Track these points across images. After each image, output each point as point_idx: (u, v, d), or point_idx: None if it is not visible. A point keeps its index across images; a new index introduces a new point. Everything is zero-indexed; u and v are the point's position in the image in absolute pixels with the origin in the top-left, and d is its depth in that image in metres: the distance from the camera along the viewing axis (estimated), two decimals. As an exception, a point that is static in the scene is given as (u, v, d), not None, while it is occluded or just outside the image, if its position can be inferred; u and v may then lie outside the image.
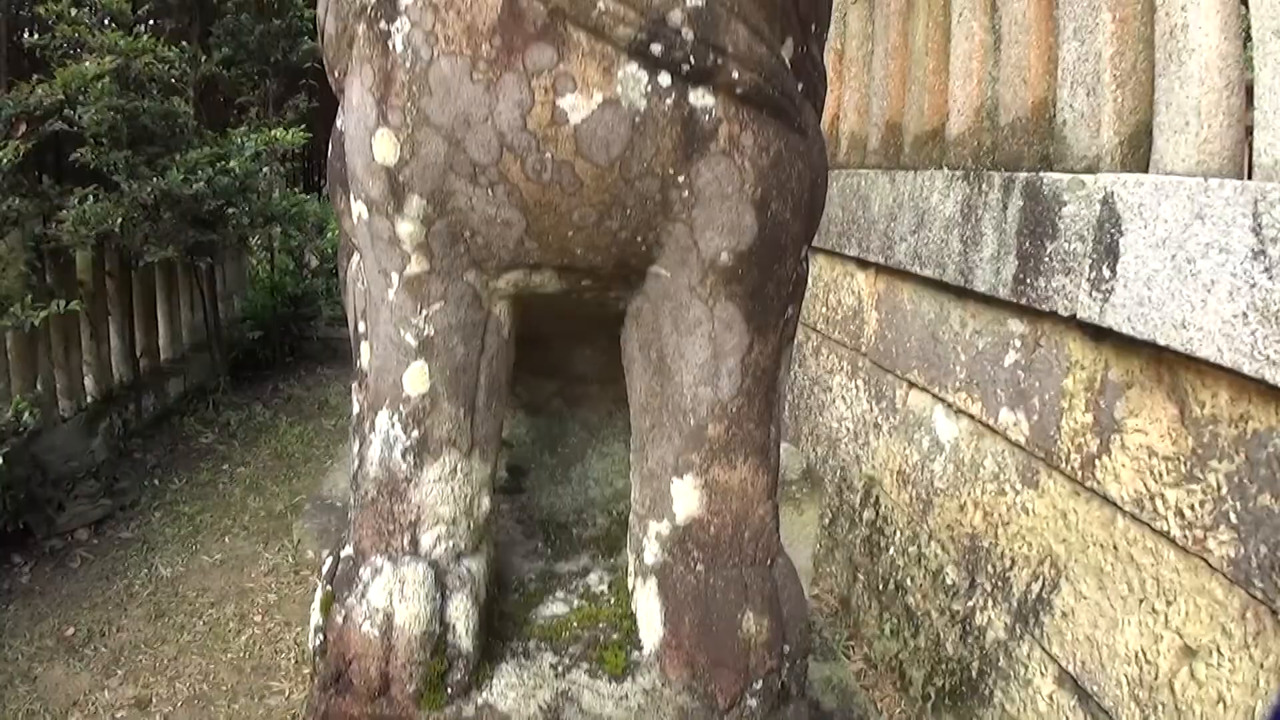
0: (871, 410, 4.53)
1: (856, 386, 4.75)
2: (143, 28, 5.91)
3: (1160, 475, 2.58)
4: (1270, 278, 2.12)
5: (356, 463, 1.76)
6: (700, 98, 1.42)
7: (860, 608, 4.30)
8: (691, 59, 1.37)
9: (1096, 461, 2.83)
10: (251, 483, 5.56)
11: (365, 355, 1.83)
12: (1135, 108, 2.87)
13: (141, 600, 4.17)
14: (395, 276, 1.59)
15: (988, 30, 3.69)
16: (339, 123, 1.75)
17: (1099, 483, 2.82)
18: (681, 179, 1.46)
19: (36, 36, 5.24)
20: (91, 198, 5.00)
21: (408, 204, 1.49)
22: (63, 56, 5.17)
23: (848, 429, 4.80)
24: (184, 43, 6.50)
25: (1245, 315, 2.18)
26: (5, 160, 4.25)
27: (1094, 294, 2.70)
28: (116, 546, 4.70)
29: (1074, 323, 2.86)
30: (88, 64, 4.73)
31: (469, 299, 1.60)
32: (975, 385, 3.53)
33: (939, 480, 3.79)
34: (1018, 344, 3.24)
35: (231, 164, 5.55)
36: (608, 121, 1.38)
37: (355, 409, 1.93)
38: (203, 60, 6.66)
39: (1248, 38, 2.58)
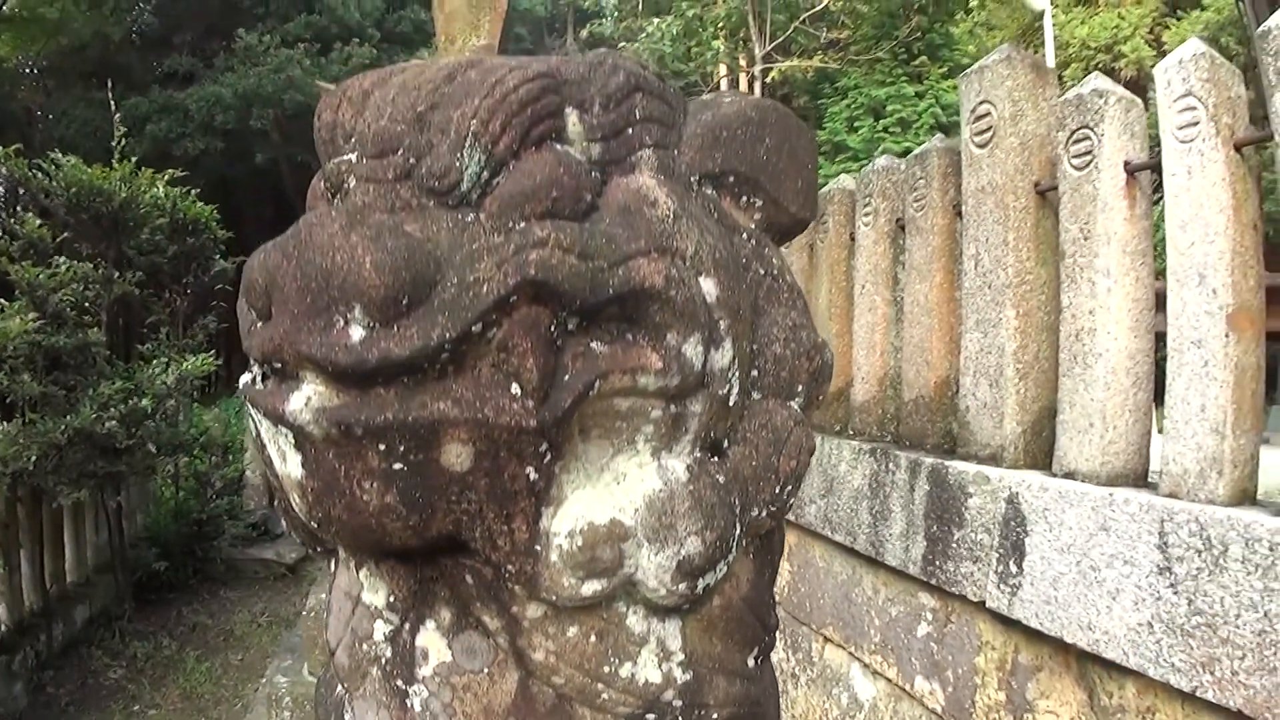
0: (789, 660, 4.58)
1: (770, 633, 4.81)
2: (61, 257, 5.99)
3: (1075, 757, 2.70)
4: (1175, 593, 2.22)
5: None
6: None
7: None
8: None
9: (1012, 739, 2.94)
10: (163, 729, 5.38)
11: None
12: (1038, 395, 3.02)
13: None
14: None
15: (890, 304, 3.90)
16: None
17: (1016, 759, 2.92)
18: None
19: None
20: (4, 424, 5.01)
21: None
22: None
23: (762, 675, 4.82)
24: (101, 263, 6.61)
25: (1150, 625, 2.28)
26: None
27: (1002, 586, 2.79)
28: (35, 800, 4.50)
29: (984, 605, 2.95)
30: (12, 323, 4.76)
31: None
32: (890, 650, 3.55)
33: (858, 739, 3.85)
34: (929, 617, 3.30)
35: (144, 401, 5.66)
36: None
37: None
38: (116, 280, 6.72)
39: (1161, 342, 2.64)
